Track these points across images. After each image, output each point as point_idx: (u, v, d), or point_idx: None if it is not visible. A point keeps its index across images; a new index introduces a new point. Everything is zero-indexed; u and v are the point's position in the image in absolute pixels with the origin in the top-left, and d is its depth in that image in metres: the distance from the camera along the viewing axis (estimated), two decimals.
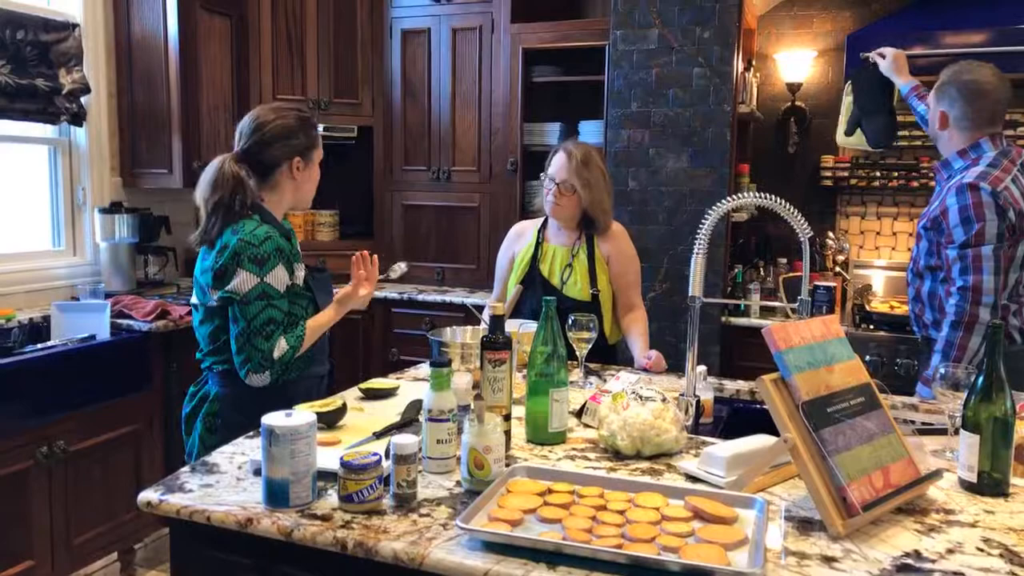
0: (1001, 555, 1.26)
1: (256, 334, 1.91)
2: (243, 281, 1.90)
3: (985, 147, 2.40)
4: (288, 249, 1.98)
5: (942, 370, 1.70)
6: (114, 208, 3.52)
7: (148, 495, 1.44)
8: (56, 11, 3.39)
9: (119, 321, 3.10)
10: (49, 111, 3.29)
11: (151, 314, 3.11)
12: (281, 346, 1.94)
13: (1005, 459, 1.49)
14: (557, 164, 2.57)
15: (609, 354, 2.64)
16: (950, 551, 1.27)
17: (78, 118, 3.41)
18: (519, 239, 2.74)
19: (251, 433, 1.75)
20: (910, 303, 2.57)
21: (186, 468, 1.58)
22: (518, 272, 2.66)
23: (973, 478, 1.50)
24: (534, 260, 2.64)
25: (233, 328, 1.94)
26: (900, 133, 3.52)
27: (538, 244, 2.65)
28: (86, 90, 3.42)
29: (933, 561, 1.23)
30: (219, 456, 1.64)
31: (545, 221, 2.70)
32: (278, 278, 1.94)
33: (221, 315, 1.96)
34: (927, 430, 1.91)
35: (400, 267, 2.23)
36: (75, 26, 3.39)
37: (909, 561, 1.23)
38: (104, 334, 3.01)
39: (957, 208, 2.29)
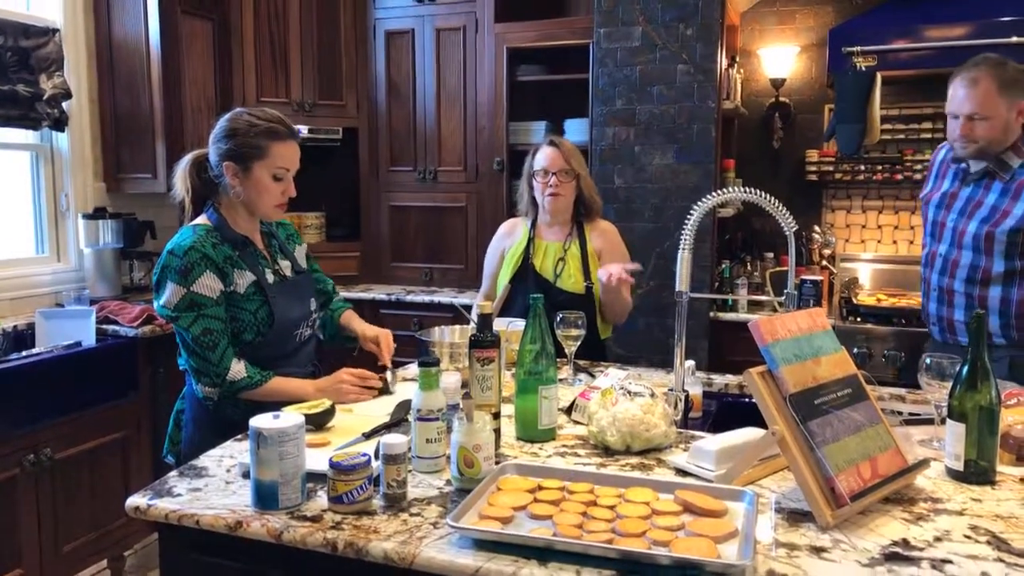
0: (988, 542, 1.27)
1: (200, 346, 1.86)
2: (172, 294, 1.85)
3: None
4: (219, 256, 1.88)
5: (927, 360, 1.71)
6: (98, 213, 3.50)
7: (136, 500, 1.44)
8: (36, 16, 3.36)
9: (105, 327, 3.08)
10: (30, 117, 3.26)
11: (137, 319, 3.09)
12: (239, 370, 1.89)
13: (991, 447, 1.51)
14: (549, 157, 2.58)
15: (600, 349, 2.65)
16: (938, 539, 1.28)
17: (60, 123, 3.39)
18: (509, 236, 2.75)
19: (239, 436, 1.74)
20: (960, 311, 2.40)
21: (174, 472, 1.57)
22: (510, 267, 2.66)
23: (960, 467, 1.51)
24: (527, 255, 2.64)
25: (179, 341, 1.92)
26: (884, 127, 3.57)
27: (530, 240, 2.66)
28: (67, 95, 3.39)
29: (921, 549, 1.24)
30: (207, 459, 1.63)
31: (535, 219, 2.70)
32: (207, 286, 1.86)
33: None
34: (914, 420, 1.92)
35: (388, 375, 2.16)
36: (55, 31, 3.37)
37: (897, 550, 1.24)
38: (90, 340, 2.99)
39: None
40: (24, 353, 2.84)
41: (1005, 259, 2.29)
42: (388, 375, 2.12)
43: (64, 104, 3.40)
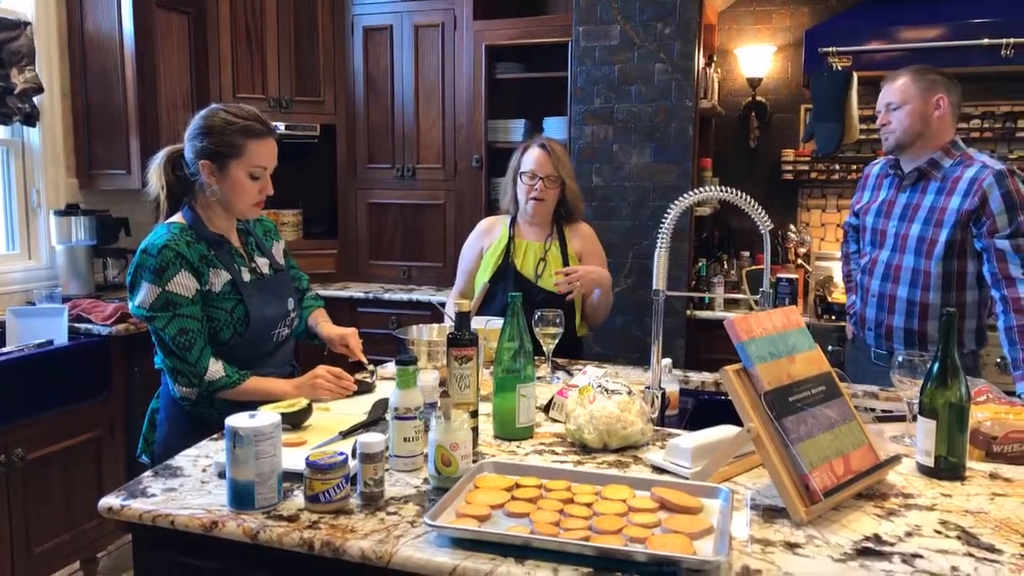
0: (958, 537, 1.29)
1: (177, 346, 1.84)
2: (147, 294, 1.83)
3: (961, 143, 2.35)
4: (193, 255, 1.85)
5: (899, 358, 1.73)
6: (70, 210, 3.45)
7: (109, 500, 1.42)
8: (7, 9, 3.30)
9: (78, 325, 3.03)
10: (1, 111, 3.21)
11: (111, 317, 3.05)
12: (216, 370, 1.87)
13: (961, 443, 1.53)
14: (537, 160, 2.57)
15: (576, 348, 2.66)
16: (909, 534, 1.30)
17: (31, 118, 3.33)
18: (487, 234, 2.74)
19: (215, 435, 1.73)
20: (898, 318, 2.38)
21: (149, 472, 1.55)
22: (489, 267, 2.66)
23: (930, 463, 1.53)
24: (507, 254, 2.64)
25: (155, 341, 1.90)
26: (859, 126, 3.61)
27: (510, 239, 2.66)
28: (39, 90, 3.33)
29: (892, 544, 1.26)
30: (182, 459, 1.62)
31: (514, 218, 2.70)
32: (182, 284, 1.83)
33: None
34: (887, 417, 1.95)
35: (369, 369, 2.14)
36: (26, 24, 3.31)
37: (869, 545, 1.26)
38: (62, 339, 2.94)
39: (1001, 194, 2.20)
40: None
41: (944, 260, 2.29)
42: (370, 371, 2.12)
43: (35, 99, 3.34)
